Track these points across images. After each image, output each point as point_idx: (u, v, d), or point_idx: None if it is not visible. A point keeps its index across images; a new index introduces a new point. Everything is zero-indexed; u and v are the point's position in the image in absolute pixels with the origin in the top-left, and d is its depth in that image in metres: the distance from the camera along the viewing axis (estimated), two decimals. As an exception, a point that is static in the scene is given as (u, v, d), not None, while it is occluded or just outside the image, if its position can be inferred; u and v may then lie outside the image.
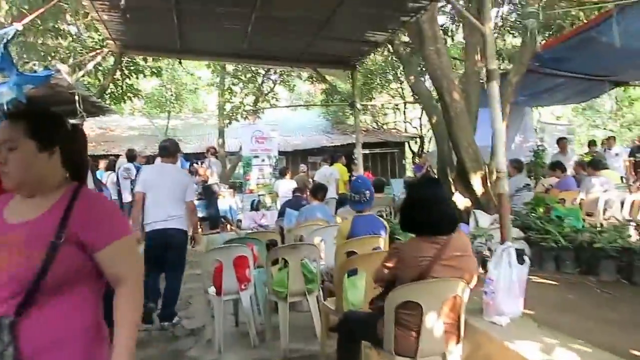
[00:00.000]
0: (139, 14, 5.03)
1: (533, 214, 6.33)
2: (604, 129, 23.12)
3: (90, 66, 5.58)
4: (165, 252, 4.61)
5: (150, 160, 10.13)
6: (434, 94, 6.97)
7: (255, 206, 10.75)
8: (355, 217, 4.22)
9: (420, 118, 20.13)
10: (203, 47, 6.76)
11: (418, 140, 19.52)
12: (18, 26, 4.23)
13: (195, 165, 10.73)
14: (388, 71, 17.87)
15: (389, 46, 9.61)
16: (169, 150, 4.75)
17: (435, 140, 7.61)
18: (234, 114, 14.45)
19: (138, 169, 8.51)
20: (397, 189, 14.34)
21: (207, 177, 10.24)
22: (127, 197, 8.45)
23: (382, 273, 2.75)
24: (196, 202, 10.33)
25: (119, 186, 8.66)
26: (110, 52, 6.24)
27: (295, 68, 6.57)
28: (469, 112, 6.33)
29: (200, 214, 10.67)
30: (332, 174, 11.22)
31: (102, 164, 10.22)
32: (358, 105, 6.01)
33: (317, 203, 6.20)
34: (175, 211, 4.60)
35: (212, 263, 4.38)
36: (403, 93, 20.75)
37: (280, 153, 12.56)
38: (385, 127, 19.78)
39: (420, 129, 20.02)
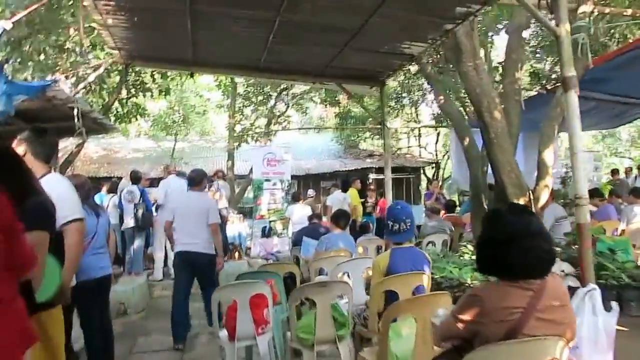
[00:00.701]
0: (148, 16, 4.51)
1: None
2: (624, 157, 22.47)
3: (92, 77, 5.02)
4: (192, 274, 5.21)
5: (154, 183, 9.56)
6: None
7: (267, 233, 10.12)
8: (394, 250, 3.57)
9: (436, 143, 19.62)
10: (218, 59, 6.22)
11: (434, 165, 18.94)
12: (6, 24, 3.72)
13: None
14: (403, 95, 17.42)
15: (411, 66, 9.13)
16: (195, 180, 5.34)
17: (469, 165, 7.00)
18: (245, 136, 13.96)
19: (142, 192, 7.94)
20: (417, 217, 13.74)
21: (215, 202, 9.62)
22: (128, 222, 7.84)
23: (454, 328, 2.10)
24: None
25: (121, 210, 8.07)
26: (114, 63, 5.74)
27: (318, 83, 5.95)
28: (509, 133, 5.74)
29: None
30: (345, 199, 10.64)
31: (105, 186, 9.68)
32: (388, 124, 5.40)
33: (339, 231, 5.59)
34: (199, 236, 5.06)
35: (224, 302, 3.74)
36: (417, 118, 20.30)
37: (292, 177, 11.98)
38: (399, 152, 19.19)
39: (436, 155, 19.48)
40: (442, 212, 8.16)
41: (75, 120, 4.39)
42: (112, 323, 4.19)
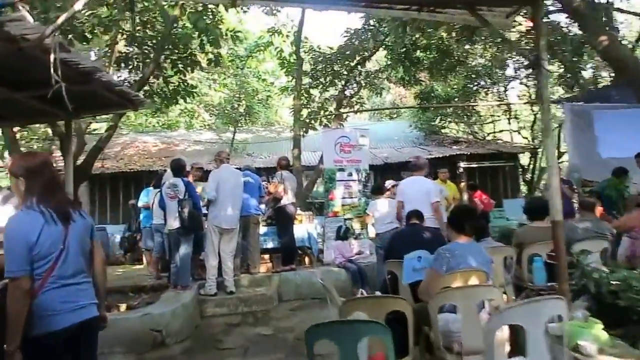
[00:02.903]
0: None
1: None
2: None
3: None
4: None
5: (204, 176, 7.96)
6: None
7: (342, 234, 8.27)
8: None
9: (532, 126, 16.89)
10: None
11: (531, 153, 16.23)
12: None
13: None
14: (494, 71, 14.94)
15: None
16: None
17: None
18: (312, 121, 12.19)
19: (187, 186, 6.32)
20: (513, 213, 11.27)
21: (280, 195, 7.89)
22: (172, 223, 6.25)
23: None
24: (265, 229, 8.16)
25: (162, 208, 6.51)
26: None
27: (444, 13, 3.81)
28: None
29: (270, 244, 8.40)
30: (441, 192, 8.58)
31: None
32: (545, 65, 3.30)
33: (466, 240, 3.61)
34: None
35: None
36: (507, 97, 17.61)
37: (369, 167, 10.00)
38: (491, 136, 16.70)
39: (532, 140, 16.81)
40: (600, 209, 5.82)
41: (52, 70, 2.71)
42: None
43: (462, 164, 13.34)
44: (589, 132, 9.28)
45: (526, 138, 17.15)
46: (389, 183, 10.23)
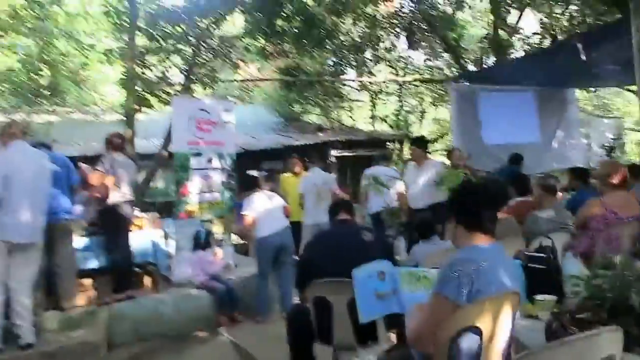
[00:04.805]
0: None
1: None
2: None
3: None
4: None
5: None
6: None
7: (204, 241, 6.38)
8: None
9: (398, 114, 16.76)
10: None
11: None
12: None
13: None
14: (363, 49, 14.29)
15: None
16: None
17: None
18: (150, 94, 9.91)
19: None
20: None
21: (107, 191, 5.77)
22: None
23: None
24: (85, 241, 6.06)
25: None
26: None
27: None
28: None
29: (93, 262, 6.15)
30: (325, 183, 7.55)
31: None
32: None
33: (489, 242, 2.38)
34: None
35: None
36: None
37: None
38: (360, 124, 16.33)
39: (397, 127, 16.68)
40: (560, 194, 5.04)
41: None
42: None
43: (335, 152, 12.44)
44: (474, 115, 9.21)
45: (392, 127, 17.04)
46: (252, 174, 8.80)
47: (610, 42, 6.26)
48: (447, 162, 8.04)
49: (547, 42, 11.56)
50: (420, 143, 7.53)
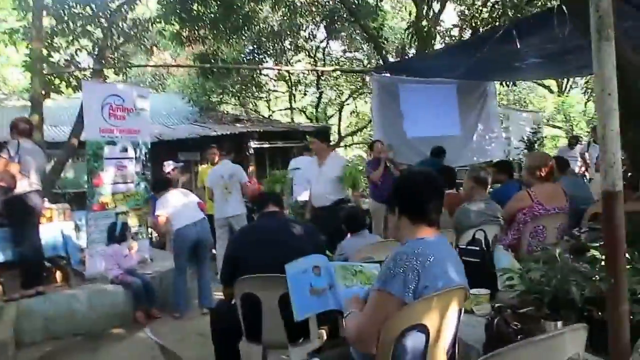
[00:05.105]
0: None
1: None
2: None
3: None
4: None
5: None
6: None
7: (119, 234, 6.23)
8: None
9: (317, 105, 16.91)
10: None
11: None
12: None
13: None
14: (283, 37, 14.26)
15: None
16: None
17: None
18: (58, 78, 9.37)
19: None
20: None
21: (13, 180, 5.49)
22: None
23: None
24: None
25: None
26: None
27: None
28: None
29: (0, 257, 5.83)
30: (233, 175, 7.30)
31: None
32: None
33: (434, 234, 2.29)
34: None
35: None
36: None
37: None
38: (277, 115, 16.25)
39: (317, 120, 16.82)
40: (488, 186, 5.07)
41: None
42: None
43: (253, 144, 12.35)
44: (395, 107, 9.15)
45: (310, 119, 17.15)
46: (168, 165, 8.70)
47: (536, 35, 6.13)
48: (365, 155, 8.13)
49: (467, 34, 11.50)
50: (323, 135, 7.19)
